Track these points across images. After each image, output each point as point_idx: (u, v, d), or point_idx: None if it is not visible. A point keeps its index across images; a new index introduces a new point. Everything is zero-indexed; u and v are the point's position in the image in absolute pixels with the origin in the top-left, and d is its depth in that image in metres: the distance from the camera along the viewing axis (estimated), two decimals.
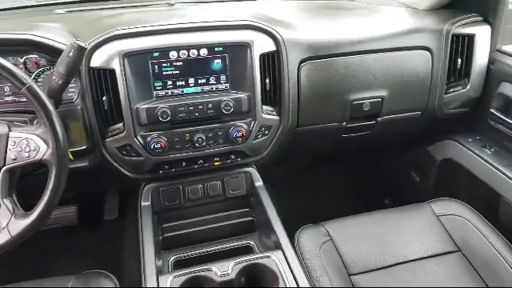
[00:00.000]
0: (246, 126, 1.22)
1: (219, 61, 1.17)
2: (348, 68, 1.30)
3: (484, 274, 1.14)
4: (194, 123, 1.19)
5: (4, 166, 0.90)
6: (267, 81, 1.22)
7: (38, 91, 0.89)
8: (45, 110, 0.89)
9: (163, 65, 1.13)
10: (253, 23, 1.19)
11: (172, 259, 1.21)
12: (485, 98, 1.46)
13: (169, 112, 1.13)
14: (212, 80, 1.18)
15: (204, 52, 1.15)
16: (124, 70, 1.09)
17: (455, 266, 1.16)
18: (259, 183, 1.32)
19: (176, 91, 1.17)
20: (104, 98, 1.11)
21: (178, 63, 1.14)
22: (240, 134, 1.21)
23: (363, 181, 2.12)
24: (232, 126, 1.21)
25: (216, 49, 1.16)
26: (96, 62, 1.09)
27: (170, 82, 1.15)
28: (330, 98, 1.32)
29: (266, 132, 1.27)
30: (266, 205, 1.24)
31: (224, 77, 1.19)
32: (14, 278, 1.10)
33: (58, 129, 0.90)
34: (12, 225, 0.90)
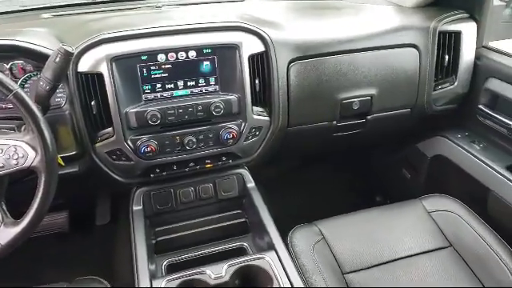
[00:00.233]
0: (236, 128, 1.22)
1: (208, 63, 1.17)
2: (337, 67, 1.31)
3: (476, 269, 1.15)
4: (184, 126, 1.18)
5: None
6: (257, 82, 1.22)
7: (25, 97, 0.88)
8: (32, 117, 0.88)
9: (152, 68, 1.12)
10: (241, 24, 1.19)
11: (165, 263, 1.20)
12: (473, 94, 1.48)
13: (158, 115, 1.13)
14: (201, 82, 1.18)
15: (192, 54, 1.14)
16: (112, 74, 1.08)
17: (447, 262, 1.17)
18: (251, 184, 1.31)
19: (165, 94, 1.16)
20: (92, 103, 1.11)
21: (166, 66, 1.13)
22: (231, 136, 1.21)
23: (354, 179, 2.13)
24: (222, 127, 1.21)
25: (204, 51, 1.15)
26: (83, 66, 1.08)
27: (158, 85, 1.15)
28: (319, 97, 1.33)
29: (257, 133, 1.27)
30: (258, 206, 1.23)
31: (213, 79, 1.19)
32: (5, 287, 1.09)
33: (47, 135, 0.89)
34: (2, 233, 0.89)
